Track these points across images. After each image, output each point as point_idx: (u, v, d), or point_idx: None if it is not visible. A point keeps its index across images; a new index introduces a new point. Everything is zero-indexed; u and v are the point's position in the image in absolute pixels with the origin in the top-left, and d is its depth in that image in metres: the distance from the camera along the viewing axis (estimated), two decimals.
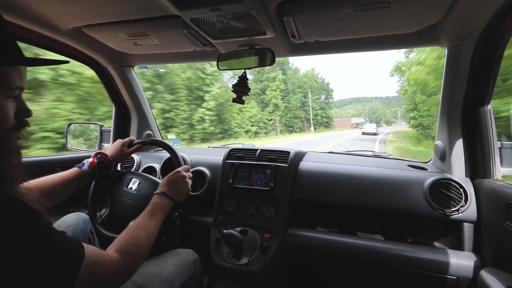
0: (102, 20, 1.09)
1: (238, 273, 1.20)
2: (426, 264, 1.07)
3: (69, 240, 0.53)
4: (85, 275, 0.53)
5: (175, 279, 0.91)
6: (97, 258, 0.58)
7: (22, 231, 0.45)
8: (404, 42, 1.17)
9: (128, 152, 1.17)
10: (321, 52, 1.31)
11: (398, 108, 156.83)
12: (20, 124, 0.57)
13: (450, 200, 1.14)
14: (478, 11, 0.92)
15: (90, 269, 0.54)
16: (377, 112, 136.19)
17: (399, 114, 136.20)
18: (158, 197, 0.90)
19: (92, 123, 1.93)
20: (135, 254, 0.68)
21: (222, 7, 0.88)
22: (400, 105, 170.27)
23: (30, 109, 0.59)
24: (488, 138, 1.10)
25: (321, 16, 0.97)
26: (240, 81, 1.27)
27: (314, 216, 1.42)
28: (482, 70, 1.07)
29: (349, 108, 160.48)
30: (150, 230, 0.78)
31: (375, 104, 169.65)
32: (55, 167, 1.47)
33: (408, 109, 18.04)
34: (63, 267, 0.49)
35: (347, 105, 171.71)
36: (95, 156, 1.05)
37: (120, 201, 1.15)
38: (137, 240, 0.72)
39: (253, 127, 24.64)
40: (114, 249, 0.67)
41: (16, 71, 0.54)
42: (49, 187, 0.90)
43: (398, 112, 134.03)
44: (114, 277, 0.62)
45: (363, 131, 30.87)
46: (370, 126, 32.36)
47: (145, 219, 0.81)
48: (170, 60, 1.56)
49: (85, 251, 0.54)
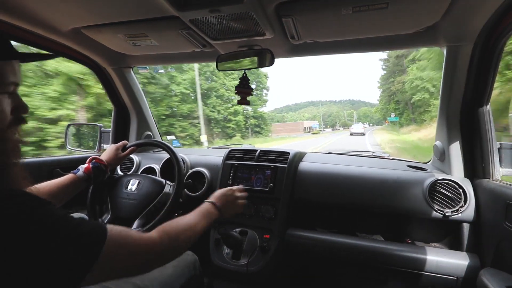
0: (101, 21, 1.09)
1: (237, 274, 1.20)
2: (425, 264, 1.07)
3: (88, 223, 0.51)
4: (112, 249, 0.51)
5: (174, 281, 0.91)
6: (126, 236, 0.56)
7: (37, 218, 0.44)
8: (403, 42, 1.18)
9: (123, 156, 1.17)
10: (320, 53, 1.31)
11: (353, 111, 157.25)
12: (17, 120, 0.57)
13: (450, 200, 1.14)
14: (477, 12, 0.92)
15: (115, 249, 0.52)
16: (332, 115, 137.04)
17: (356, 116, 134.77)
18: (208, 205, 0.89)
19: (91, 124, 1.93)
20: (173, 238, 0.66)
21: (221, 8, 0.88)
22: (355, 108, 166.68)
23: (27, 104, 0.58)
24: (487, 138, 1.10)
25: (320, 17, 0.97)
26: (242, 83, 1.28)
27: (313, 217, 1.42)
28: (481, 71, 1.08)
29: (304, 111, 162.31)
30: (195, 229, 0.76)
31: (330, 107, 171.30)
32: (54, 168, 1.47)
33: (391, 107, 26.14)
34: (82, 249, 0.48)
35: (303, 109, 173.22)
36: (90, 162, 1.05)
37: (121, 203, 1.14)
38: (179, 228, 0.70)
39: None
40: (153, 231, 0.65)
41: (9, 66, 0.53)
42: (44, 195, 0.88)
43: (355, 114, 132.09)
44: (145, 257, 0.59)
45: (352, 131, 31.69)
46: (358, 126, 33.37)
47: (192, 218, 0.78)
48: (169, 61, 1.56)
49: (107, 232, 0.52)
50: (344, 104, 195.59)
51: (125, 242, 0.55)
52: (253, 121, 27.37)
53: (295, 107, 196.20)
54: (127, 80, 1.68)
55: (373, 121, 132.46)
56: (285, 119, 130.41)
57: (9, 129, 0.54)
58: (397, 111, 31.41)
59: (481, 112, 1.11)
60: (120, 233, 0.55)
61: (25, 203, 0.45)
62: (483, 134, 1.11)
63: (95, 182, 1.05)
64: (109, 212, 1.14)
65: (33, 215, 0.44)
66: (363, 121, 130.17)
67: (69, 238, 0.46)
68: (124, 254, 0.55)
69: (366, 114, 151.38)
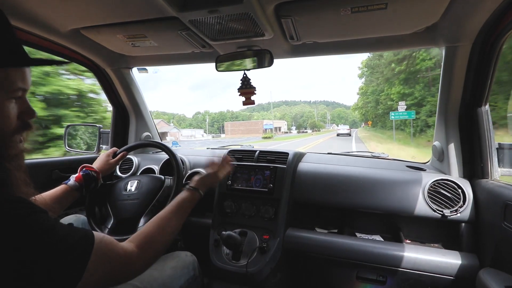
0: (100, 22, 1.09)
1: (237, 275, 1.20)
2: (424, 264, 1.08)
3: (76, 233, 0.51)
4: (96, 265, 0.52)
5: (174, 282, 0.91)
6: (109, 251, 0.56)
7: (27, 226, 0.45)
8: (402, 43, 1.18)
9: (114, 162, 1.17)
10: (320, 53, 1.32)
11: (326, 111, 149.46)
12: (24, 126, 0.56)
13: (449, 200, 1.14)
14: (475, 13, 0.92)
15: (100, 260, 0.53)
16: (304, 115, 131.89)
17: (329, 117, 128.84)
18: (186, 194, 0.88)
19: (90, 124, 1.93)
20: (154, 249, 0.67)
21: (220, 8, 0.89)
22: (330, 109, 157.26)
23: (34, 110, 0.57)
24: (485, 138, 1.10)
25: (319, 17, 0.98)
26: (244, 83, 1.28)
27: (313, 217, 1.42)
28: (479, 71, 1.08)
29: (276, 110, 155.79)
30: (173, 225, 0.76)
31: (303, 107, 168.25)
32: (53, 170, 1.46)
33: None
34: (70, 260, 0.48)
35: (275, 108, 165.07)
36: (80, 170, 1.05)
37: (123, 205, 1.14)
38: (159, 235, 0.70)
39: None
40: (134, 241, 0.65)
41: (19, 72, 0.53)
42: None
43: (328, 115, 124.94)
44: (126, 272, 0.60)
45: (338, 132, 34.78)
46: (344, 127, 40.10)
47: (170, 214, 0.78)
48: (168, 62, 1.56)
49: (94, 242, 0.53)
50: (318, 104, 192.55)
51: (109, 254, 0.56)
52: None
53: (268, 106, 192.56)
54: (126, 81, 1.68)
55: (347, 123, 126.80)
56: (251, 117, 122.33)
57: (14, 135, 0.53)
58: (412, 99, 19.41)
59: (479, 112, 1.12)
60: (105, 243, 0.55)
61: (17, 211, 0.45)
62: (482, 134, 1.11)
63: (87, 190, 1.03)
64: (111, 217, 1.13)
65: (23, 222, 0.45)
66: (337, 122, 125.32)
67: (56, 248, 0.47)
68: (107, 267, 0.55)
69: (341, 115, 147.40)
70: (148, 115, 1.87)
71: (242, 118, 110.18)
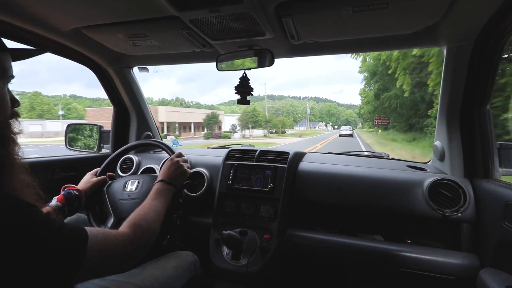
0: (101, 21, 1.09)
1: (237, 274, 1.20)
2: (425, 264, 1.08)
3: (68, 225, 0.54)
4: (94, 253, 0.54)
5: (175, 282, 0.91)
6: (104, 236, 0.59)
7: (19, 222, 0.46)
8: (403, 43, 1.18)
9: (95, 181, 1.15)
10: (320, 53, 1.31)
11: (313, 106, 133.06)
12: (13, 113, 0.59)
13: (449, 200, 1.14)
14: (476, 12, 0.92)
15: (98, 247, 0.55)
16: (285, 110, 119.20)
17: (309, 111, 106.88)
18: (159, 184, 0.96)
19: (91, 123, 1.93)
20: (145, 228, 0.72)
21: (221, 8, 0.89)
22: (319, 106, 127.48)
23: (17, 99, 0.61)
24: (487, 138, 1.10)
25: (320, 17, 0.97)
26: (241, 82, 1.28)
27: (313, 217, 1.42)
28: (481, 71, 1.08)
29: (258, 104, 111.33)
30: (156, 209, 0.83)
31: (289, 101, 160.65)
32: (54, 169, 1.47)
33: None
34: (67, 250, 0.50)
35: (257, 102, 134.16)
36: (63, 190, 1.03)
37: (123, 205, 1.13)
38: (145, 216, 0.76)
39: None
40: (124, 226, 0.70)
41: (9, 60, 0.56)
42: None
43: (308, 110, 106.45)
44: (124, 252, 0.63)
45: (341, 133, 34.72)
46: (346, 128, 40.12)
47: (150, 201, 0.86)
48: (169, 61, 1.56)
49: (88, 231, 0.55)
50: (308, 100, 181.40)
51: (105, 242, 0.58)
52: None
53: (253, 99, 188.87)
54: (127, 80, 1.68)
55: (339, 122, 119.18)
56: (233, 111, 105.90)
57: (10, 119, 0.57)
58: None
59: (481, 112, 1.12)
60: (98, 233, 0.58)
61: (8, 207, 0.46)
62: (483, 134, 1.11)
63: (70, 210, 1.01)
64: (111, 216, 1.13)
65: (15, 220, 0.46)
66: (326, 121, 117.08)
67: (54, 242, 0.48)
68: (105, 253, 0.57)
69: (331, 111, 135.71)
70: (149, 114, 1.87)
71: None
